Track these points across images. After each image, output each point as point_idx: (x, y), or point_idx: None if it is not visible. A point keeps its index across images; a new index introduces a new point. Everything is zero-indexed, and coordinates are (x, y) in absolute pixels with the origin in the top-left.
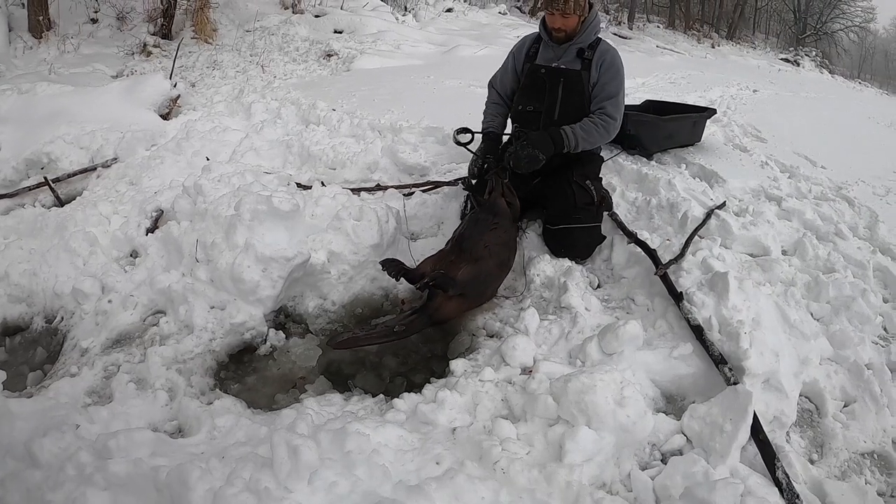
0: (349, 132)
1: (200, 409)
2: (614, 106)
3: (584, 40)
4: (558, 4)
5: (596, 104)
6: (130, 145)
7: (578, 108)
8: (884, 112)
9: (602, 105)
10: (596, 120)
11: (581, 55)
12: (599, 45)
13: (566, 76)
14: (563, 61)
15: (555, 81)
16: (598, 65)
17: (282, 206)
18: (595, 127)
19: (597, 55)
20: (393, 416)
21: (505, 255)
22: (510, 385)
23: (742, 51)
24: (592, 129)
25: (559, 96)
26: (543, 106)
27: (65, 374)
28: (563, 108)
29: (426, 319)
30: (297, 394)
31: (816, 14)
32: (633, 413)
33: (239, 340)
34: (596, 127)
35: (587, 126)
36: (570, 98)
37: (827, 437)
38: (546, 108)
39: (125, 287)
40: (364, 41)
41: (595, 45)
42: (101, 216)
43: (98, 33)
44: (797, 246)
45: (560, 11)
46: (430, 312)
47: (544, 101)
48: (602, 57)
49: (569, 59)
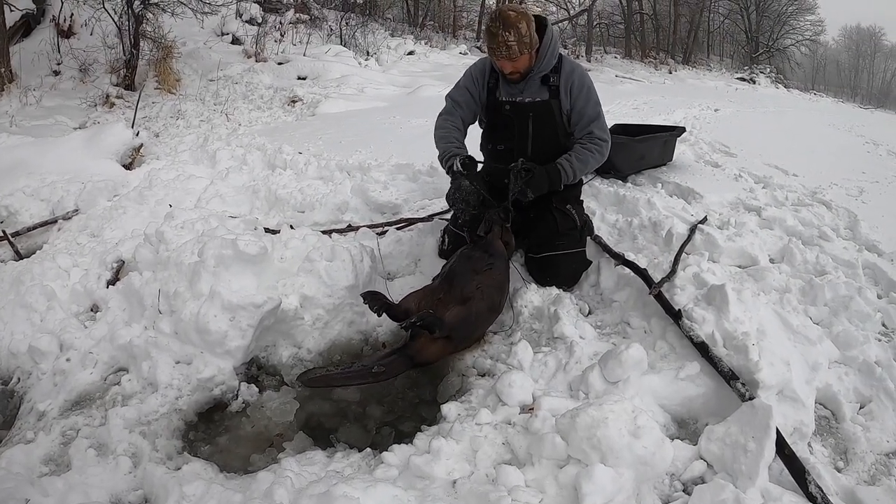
0: (317, 174)
1: (167, 476)
2: (600, 128)
3: (545, 67)
4: (501, 52)
5: (581, 130)
6: (92, 196)
7: (552, 140)
8: (841, 118)
9: (589, 130)
10: (589, 146)
11: (547, 82)
12: (563, 66)
13: (534, 110)
14: (529, 93)
15: (523, 117)
16: (568, 90)
17: (248, 249)
18: (590, 153)
19: (563, 79)
20: (383, 472)
21: (497, 299)
22: (510, 426)
23: (699, 74)
24: (588, 156)
25: (530, 132)
26: (514, 144)
27: (20, 440)
28: (536, 142)
29: (407, 361)
30: (275, 453)
31: (767, 32)
32: (650, 443)
33: (208, 397)
34: (591, 153)
35: (582, 155)
36: (542, 132)
37: (849, 442)
38: (517, 147)
39: (84, 344)
40: (328, 86)
41: (559, 67)
42: (60, 269)
43: (60, 85)
44: (784, 252)
45: (505, 58)
46: (411, 353)
47: (514, 140)
48: (570, 80)
49: (534, 89)
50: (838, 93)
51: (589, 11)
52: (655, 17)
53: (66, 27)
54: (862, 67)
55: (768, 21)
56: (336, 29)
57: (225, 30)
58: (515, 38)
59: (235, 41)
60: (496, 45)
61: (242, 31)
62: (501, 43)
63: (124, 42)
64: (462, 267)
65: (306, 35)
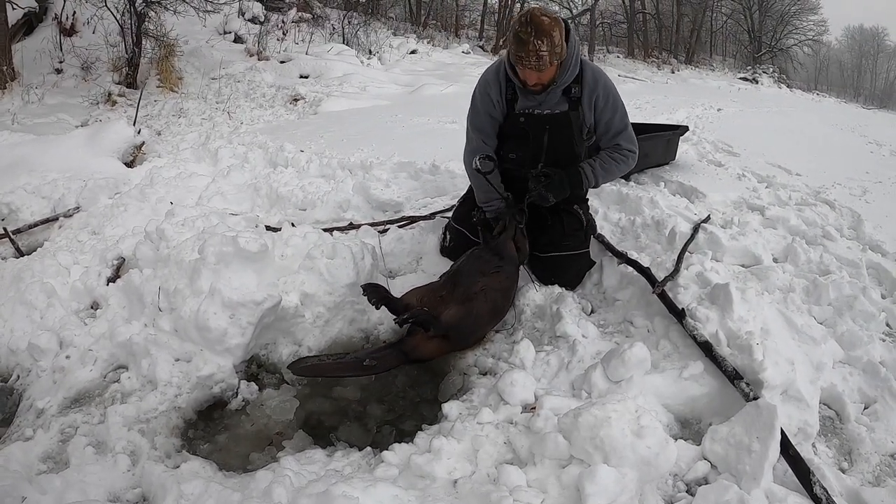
0: (318, 172)
1: (166, 475)
2: (628, 139)
3: (568, 78)
4: (530, 62)
5: (609, 141)
6: (93, 194)
7: (567, 150)
8: (844, 119)
9: (616, 142)
10: (615, 156)
11: (568, 94)
12: (585, 76)
13: (552, 122)
14: (547, 105)
15: (539, 129)
16: (592, 102)
17: (249, 246)
18: (615, 163)
19: (586, 91)
20: (384, 471)
21: (500, 303)
22: (512, 426)
23: (701, 73)
24: (612, 165)
25: (544, 144)
26: (527, 153)
27: (18, 437)
28: (550, 153)
29: (401, 356)
30: (274, 451)
31: (770, 32)
32: (653, 443)
33: (207, 395)
34: (616, 163)
35: (607, 163)
36: (557, 143)
37: (854, 443)
38: (530, 156)
39: (84, 341)
40: (330, 84)
41: (581, 77)
42: (60, 266)
43: (62, 83)
44: (788, 252)
45: (534, 68)
46: (405, 350)
47: (528, 149)
48: (594, 92)
49: (553, 100)
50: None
51: (592, 11)
52: (658, 16)
53: (69, 25)
54: (865, 68)
55: (771, 21)
56: (338, 27)
57: (227, 28)
58: (548, 49)
59: (238, 39)
60: (525, 54)
61: (245, 30)
62: (532, 52)
63: (126, 40)
64: (469, 267)
65: (309, 34)
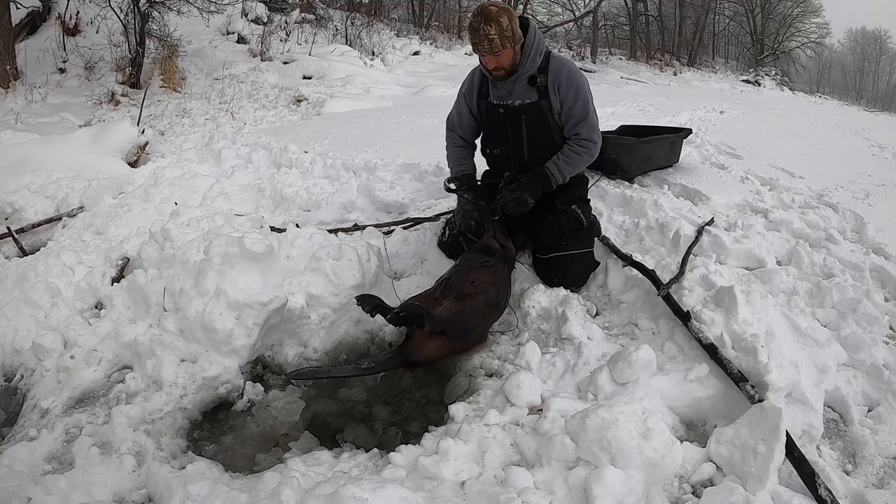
0: (322, 173)
1: (171, 476)
2: (589, 127)
3: (530, 67)
4: (483, 46)
5: (569, 130)
6: (97, 193)
7: (547, 140)
8: (847, 122)
9: (577, 131)
10: (575, 147)
11: (534, 83)
12: (550, 65)
13: (526, 112)
14: (517, 95)
15: (515, 120)
16: (556, 88)
17: (254, 247)
18: (576, 155)
19: (551, 78)
20: (391, 472)
21: (493, 293)
22: (519, 427)
23: (704, 76)
24: (574, 157)
25: (524, 135)
26: (510, 148)
27: (23, 437)
28: (531, 144)
29: (401, 359)
30: (280, 453)
31: (773, 34)
32: (660, 445)
33: (213, 396)
34: (578, 155)
35: (569, 157)
36: (536, 134)
37: (858, 445)
38: (514, 150)
39: (89, 341)
40: (333, 85)
41: (546, 67)
42: (65, 266)
43: (66, 83)
44: (791, 255)
45: (487, 52)
46: (406, 352)
47: (510, 143)
48: (557, 79)
49: (522, 90)
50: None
51: (594, 13)
52: (661, 18)
53: (72, 25)
54: (867, 70)
55: (773, 23)
56: (341, 29)
57: (230, 29)
58: (497, 32)
59: (241, 40)
60: (478, 39)
61: (248, 31)
62: (483, 36)
63: (130, 40)
64: (459, 268)
65: (312, 34)
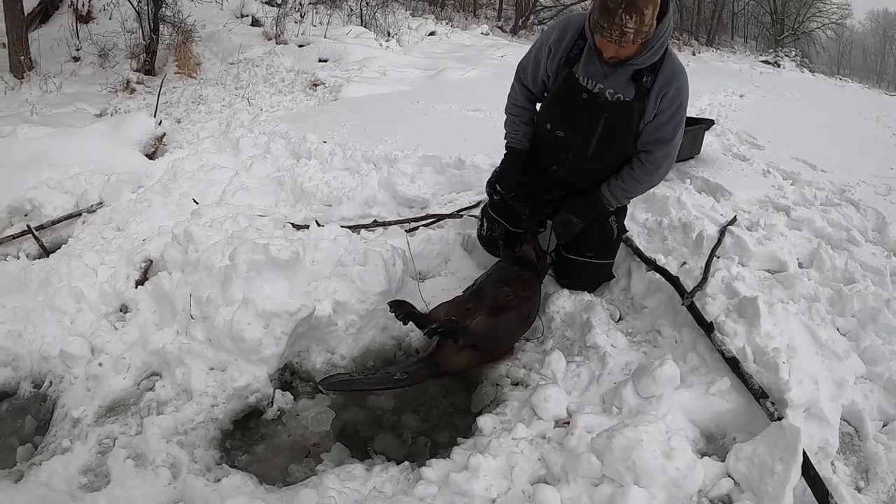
0: (342, 165)
1: (208, 490)
2: (664, 153)
3: (644, 61)
4: (611, 35)
5: (644, 144)
6: (116, 188)
7: (620, 144)
8: (869, 107)
9: (650, 148)
10: (637, 174)
11: (638, 79)
12: (663, 67)
13: (612, 110)
14: (611, 84)
15: (596, 112)
16: (659, 98)
17: (280, 254)
18: (636, 182)
19: (658, 84)
20: (423, 489)
21: (527, 309)
22: (546, 442)
23: (723, 56)
24: (633, 185)
25: (598, 131)
26: (576, 137)
27: (56, 448)
28: (601, 142)
29: (432, 369)
30: (312, 464)
31: (793, 14)
32: (682, 465)
33: (243, 405)
34: (637, 182)
35: (628, 184)
36: (613, 133)
37: (871, 462)
38: (579, 141)
39: (116, 348)
40: (350, 69)
41: (658, 67)
42: (88, 268)
43: (80, 71)
44: (813, 257)
45: (614, 42)
46: (436, 362)
47: (579, 132)
48: (665, 88)
49: (619, 81)
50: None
51: None
52: None
53: (85, 12)
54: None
55: (794, 3)
56: (356, 9)
57: (244, 11)
58: (635, 25)
59: (255, 23)
60: (608, 25)
61: (262, 13)
62: (616, 26)
63: (143, 26)
64: (492, 278)
65: (326, 16)
